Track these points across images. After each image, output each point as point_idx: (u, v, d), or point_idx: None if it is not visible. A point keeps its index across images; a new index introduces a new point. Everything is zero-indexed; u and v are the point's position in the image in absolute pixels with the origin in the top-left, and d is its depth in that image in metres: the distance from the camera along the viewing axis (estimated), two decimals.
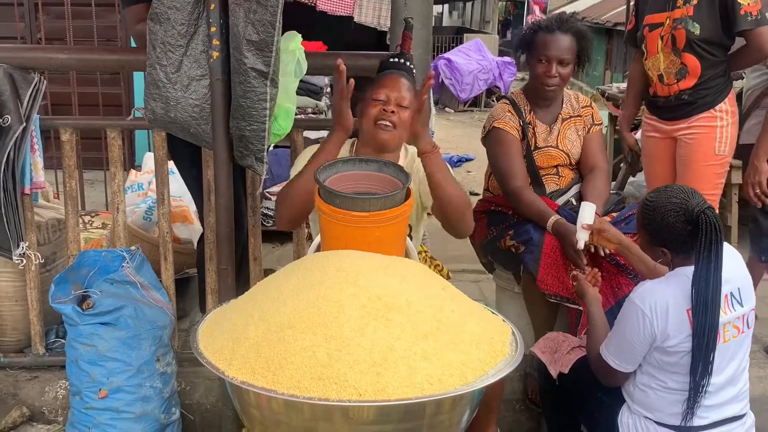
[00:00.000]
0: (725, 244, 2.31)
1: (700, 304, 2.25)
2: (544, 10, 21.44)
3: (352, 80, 2.43)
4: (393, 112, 2.55)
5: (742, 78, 4.67)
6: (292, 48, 2.61)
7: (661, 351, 2.33)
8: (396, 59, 2.70)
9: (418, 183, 2.63)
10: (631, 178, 6.06)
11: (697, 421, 2.34)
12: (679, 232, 2.30)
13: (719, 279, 2.25)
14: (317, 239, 2.25)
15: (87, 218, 4.10)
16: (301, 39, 2.69)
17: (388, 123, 2.55)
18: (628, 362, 2.39)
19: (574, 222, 2.93)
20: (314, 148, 2.69)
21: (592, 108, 3.31)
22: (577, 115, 3.25)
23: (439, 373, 1.68)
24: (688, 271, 2.30)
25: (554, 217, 2.99)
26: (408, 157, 2.78)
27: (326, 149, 2.51)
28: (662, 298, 2.30)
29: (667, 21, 3.31)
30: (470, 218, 2.60)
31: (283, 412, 1.74)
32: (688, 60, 3.29)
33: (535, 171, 3.18)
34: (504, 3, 25.70)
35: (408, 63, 2.70)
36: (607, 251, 2.95)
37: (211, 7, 2.44)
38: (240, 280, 2.91)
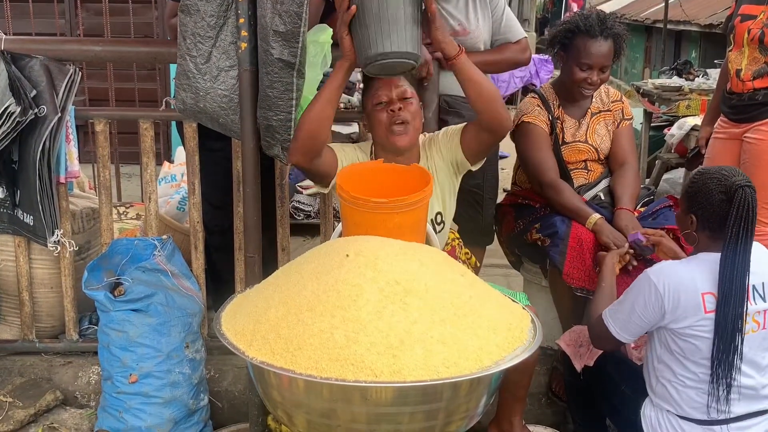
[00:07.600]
0: (754, 242, 2.27)
1: (725, 289, 2.22)
2: (582, 8, 21.21)
3: (354, 7, 2.33)
4: (400, 108, 2.54)
5: None
6: (322, 40, 2.63)
7: (673, 334, 2.31)
8: None
9: (450, 154, 2.64)
10: (666, 175, 5.99)
11: (720, 415, 2.31)
12: (712, 201, 2.28)
13: (747, 263, 2.22)
14: (339, 226, 2.28)
15: (122, 209, 4.17)
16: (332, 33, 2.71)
17: (400, 124, 2.54)
18: (629, 333, 2.40)
19: (609, 219, 2.95)
20: (351, 145, 2.72)
21: (623, 102, 3.27)
22: (607, 110, 3.22)
23: (456, 356, 1.70)
24: (712, 257, 2.29)
25: (595, 216, 2.96)
26: (426, 142, 2.73)
27: (334, 77, 2.49)
28: (678, 278, 2.29)
29: (761, 15, 3.15)
30: (505, 108, 2.59)
31: (302, 393, 1.77)
32: None
33: (563, 165, 3.16)
34: (542, 1, 25.48)
35: None
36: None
37: None
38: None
